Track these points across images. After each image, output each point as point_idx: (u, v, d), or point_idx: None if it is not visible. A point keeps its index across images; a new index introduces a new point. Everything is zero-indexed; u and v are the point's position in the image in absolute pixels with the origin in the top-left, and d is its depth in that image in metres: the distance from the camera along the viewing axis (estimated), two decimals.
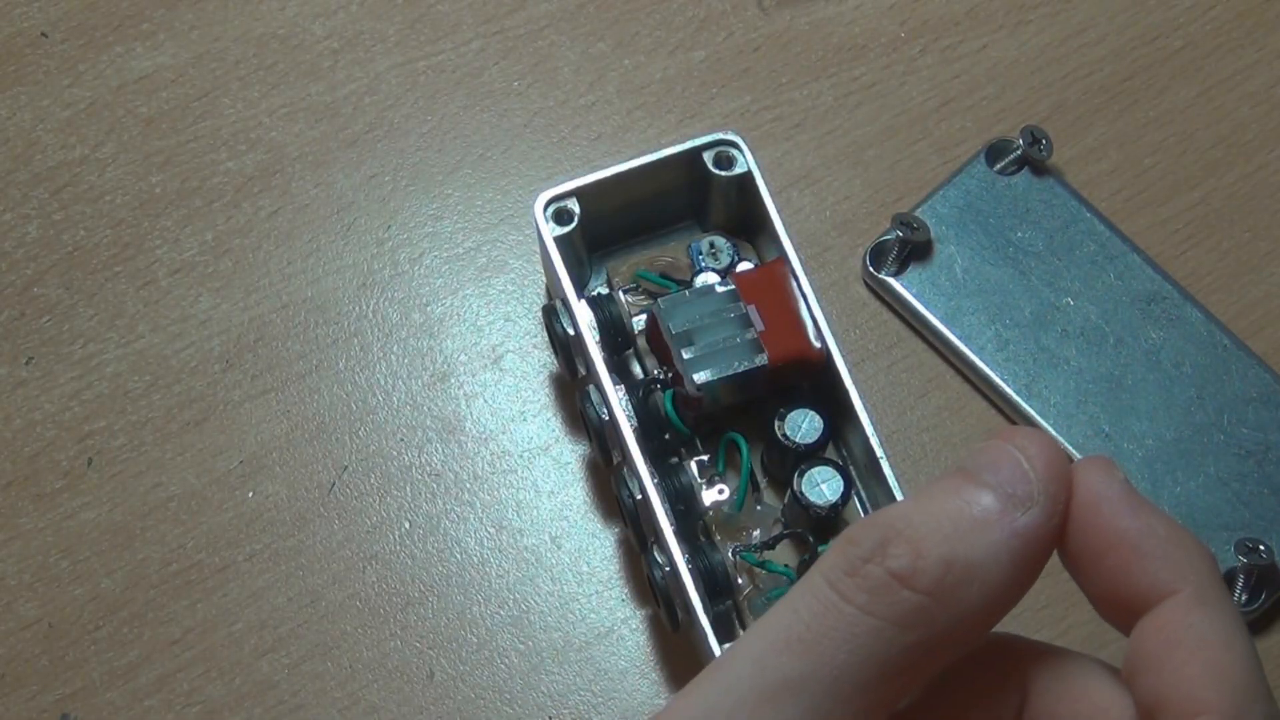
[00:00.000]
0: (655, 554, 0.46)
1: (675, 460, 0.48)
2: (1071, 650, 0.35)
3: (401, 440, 0.52)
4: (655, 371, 0.48)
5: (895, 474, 0.46)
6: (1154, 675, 0.32)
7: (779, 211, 0.49)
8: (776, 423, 0.47)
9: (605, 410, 0.47)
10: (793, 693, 0.32)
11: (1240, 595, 0.49)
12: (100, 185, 0.55)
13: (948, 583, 0.32)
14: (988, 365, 0.52)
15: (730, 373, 0.47)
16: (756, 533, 0.47)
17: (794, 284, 0.48)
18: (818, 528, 0.47)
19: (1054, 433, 0.51)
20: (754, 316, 0.47)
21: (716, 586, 0.46)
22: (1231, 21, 0.57)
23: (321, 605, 0.51)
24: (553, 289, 0.51)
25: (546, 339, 0.51)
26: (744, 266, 0.50)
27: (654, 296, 0.49)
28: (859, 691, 0.32)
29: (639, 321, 0.49)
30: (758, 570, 0.47)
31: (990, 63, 0.56)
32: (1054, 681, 0.35)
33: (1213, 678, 0.32)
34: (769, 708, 0.32)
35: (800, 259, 0.48)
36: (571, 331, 0.48)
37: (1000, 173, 0.54)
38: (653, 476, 0.46)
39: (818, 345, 0.47)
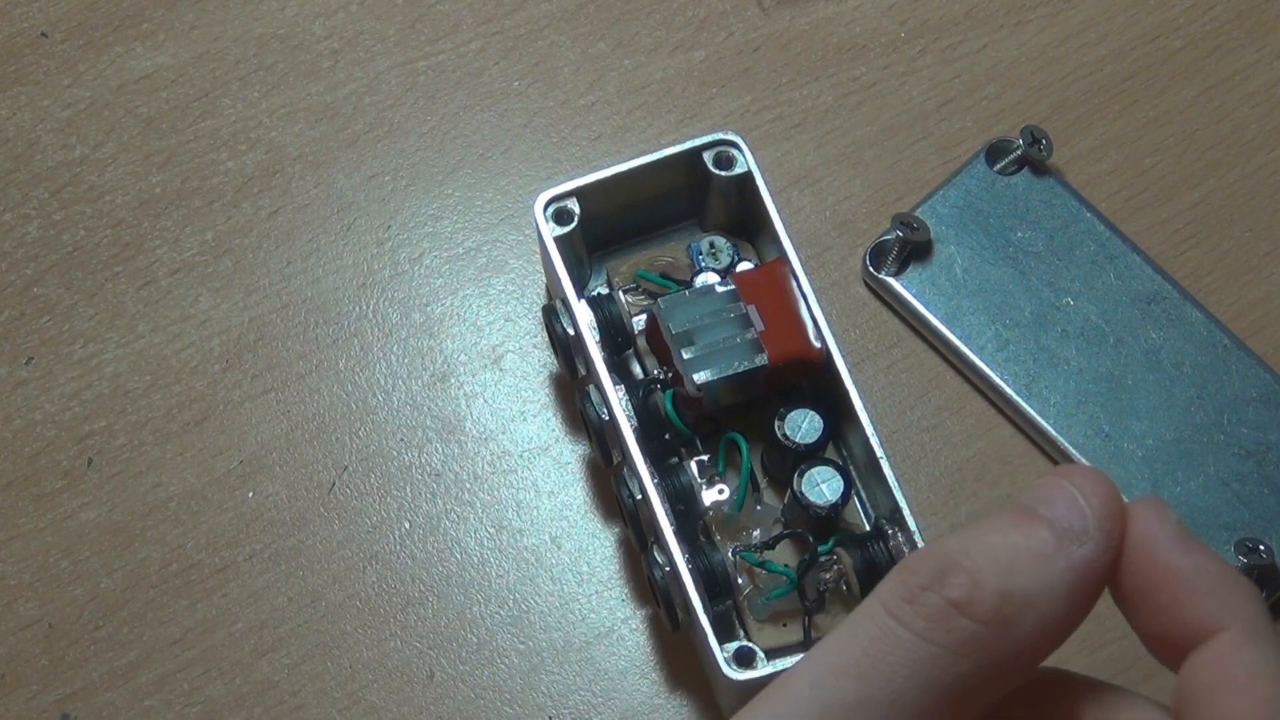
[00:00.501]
0: (655, 554, 0.46)
1: (675, 460, 0.48)
2: (1120, 686, 0.36)
3: (401, 440, 0.52)
4: (655, 371, 0.48)
5: (895, 474, 0.46)
6: (1205, 710, 0.33)
7: (779, 211, 0.49)
8: (776, 423, 0.47)
9: (605, 410, 0.47)
10: (849, 716, 0.33)
11: None
12: (100, 185, 0.55)
13: (1004, 613, 0.33)
14: (988, 365, 0.52)
15: (730, 373, 0.47)
16: (756, 533, 0.47)
17: (794, 284, 0.48)
18: (818, 528, 0.47)
19: (1054, 433, 0.51)
20: (754, 316, 0.47)
21: (716, 586, 0.46)
22: (1231, 21, 0.57)
23: (321, 605, 0.51)
24: (553, 289, 0.51)
25: (546, 339, 0.51)
26: (744, 266, 0.50)
27: (654, 296, 0.49)
28: (914, 718, 0.33)
29: (639, 321, 0.49)
30: (758, 570, 0.47)
31: (990, 63, 0.56)
32: (1101, 716, 0.35)
33: (1265, 713, 0.32)
34: None
35: (800, 259, 0.48)
36: (571, 331, 0.48)
37: (1000, 173, 0.54)
38: (653, 476, 0.46)
39: (818, 345, 0.47)
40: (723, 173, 0.49)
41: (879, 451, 0.46)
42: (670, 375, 0.47)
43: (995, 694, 0.34)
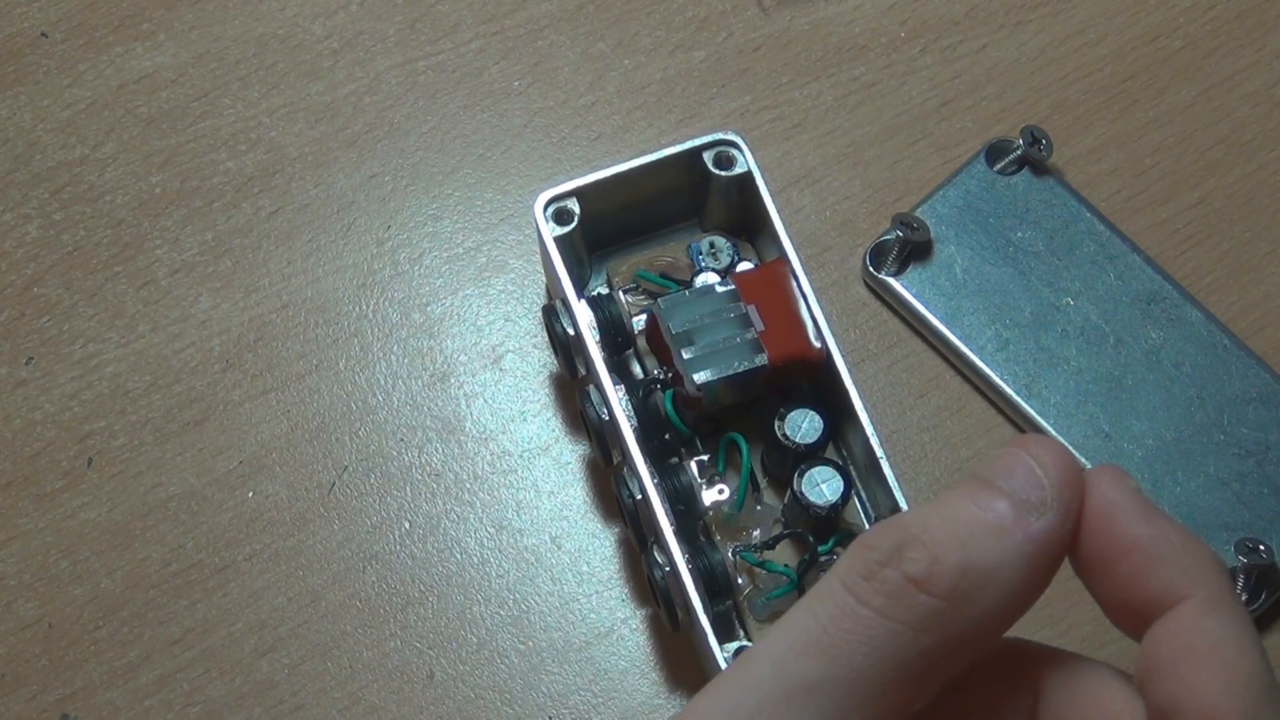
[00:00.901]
0: (655, 554, 0.46)
1: (675, 460, 0.48)
2: (1083, 655, 0.35)
3: (401, 440, 0.52)
4: (655, 371, 0.48)
5: (895, 474, 0.46)
6: (1168, 681, 0.33)
7: (779, 211, 0.49)
8: (776, 423, 0.47)
9: (605, 410, 0.47)
10: (811, 695, 0.33)
11: (1240, 595, 0.49)
12: (100, 185, 0.55)
13: (963, 587, 0.33)
14: (988, 365, 0.52)
15: (730, 373, 0.47)
16: (756, 533, 0.47)
17: (794, 284, 0.48)
18: (818, 528, 0.47)
19: (1054, 433, 0.51)
20: (754, 316, 0.47)
21: (716, 586, 0.46)
22: (1231, 21, 0.57)
23: (321, 605, 0.51)
24: (553, 289, 0.51)
25: (546, 339, 0.51)
26: (744, 266, 0.50)
27: (654, 296, 0.49)
28: (876, 694, 0.33)
29: (639, 321, 0.49)
30: (758, 570, 0.47)
31: (990, 63, 0.56)
32: (1066, 685, 0.35)
33: (1227, 682, 0.32)
34: (787, 709, 0.33)
35: (800, 259, 0.48)
36: (571, 331, 0.48)
37: (1000, 173, 0.54)
38: (653, 476, 0.46)
39: (818, 345, 0.47)
40: (723, 173, 0.49)
41: (879, 451, 0.46)
42: (670, 375, 0.47)
43: (957, 667, 0.34)
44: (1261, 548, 0.49)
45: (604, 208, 0.50)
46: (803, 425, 0.47)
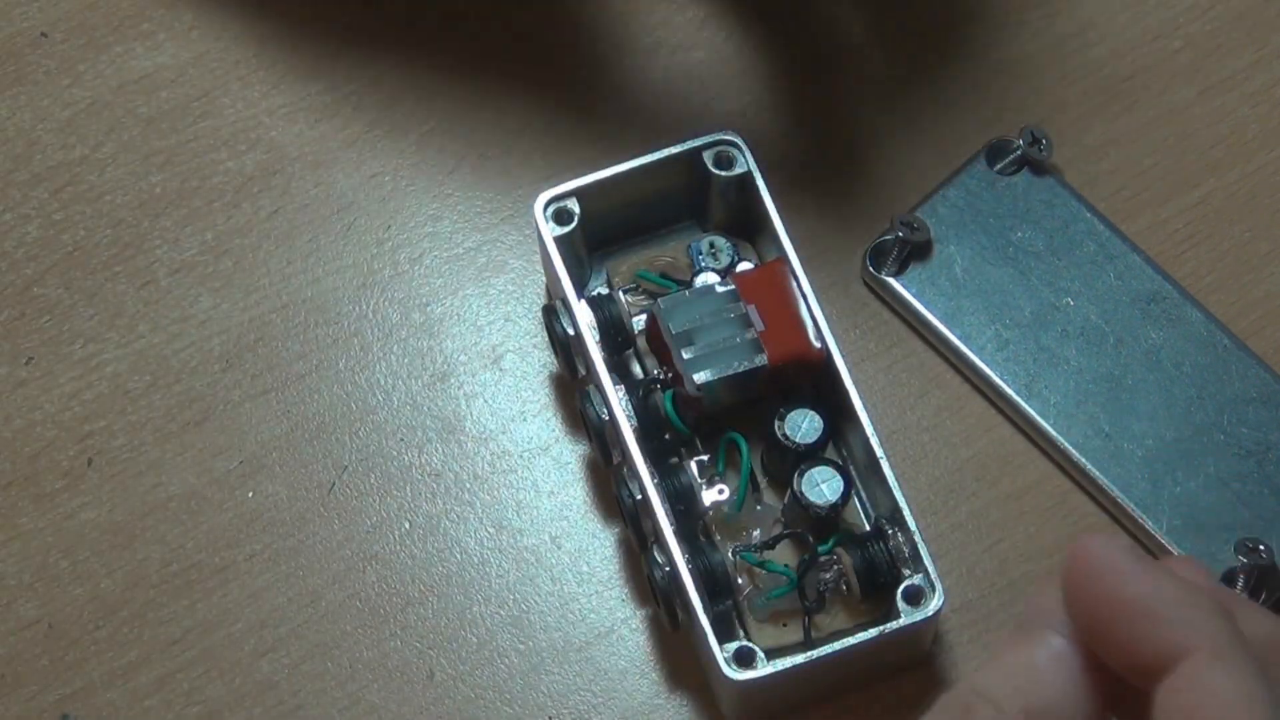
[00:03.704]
0: (655, 554, 0.46)
1: (675, 460, 0.48)
2: None
3: (401, 440, 0.52)
4: (655, 371, 0.48)
5: (895, 474, 0.46)
6: None
7: (779, 211, 0.49)
8: (776, 423, 0.47)
9: (605, 410, 0.47)
10: None
11: (1240, 595, 0.49)
12: (100, 185, 0.55)
13: None
14: (988, 365, 0.52)
15: (730, 373, 0.47)
16: (756, 533, 0.47)
17: (794, 284, 0.48)
18: (818, 528, 0.47)
19: (1054, 433, 0.51)
20: (754, 316, 0.47)
21: (716, 586, 0.46)
22: (1231, 21, 0.57)
23: (321, 605, 0.51)
24: (553, 289, 0.51)
25: (546, 339, 0.51)
26: (744, 266, 0.50)
27: (654, 296, 0.49)
28: None
29: (639, 321, 0.49)
30: (758, 570, 0.47)
31: (990, 63, 0.56)
32: None
33: None
34: None
35: (800, 259, 0.48)
36: (571, 331, 0.48)
37: (1000, 173, 0.54)
38: (653, 476, 0.46)
39: (818, 345, 0.47)
40: (723, 173, 0.49)
41: (879, 451, 0.46)
42: (670, 375, 0.47)
43: None
44: (1261, 548, 0.49)
45: (604, 208, 0.50)
46: (803, 425, 0.47)
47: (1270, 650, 0.34)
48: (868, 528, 0.48)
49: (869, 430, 0.47)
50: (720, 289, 0.48)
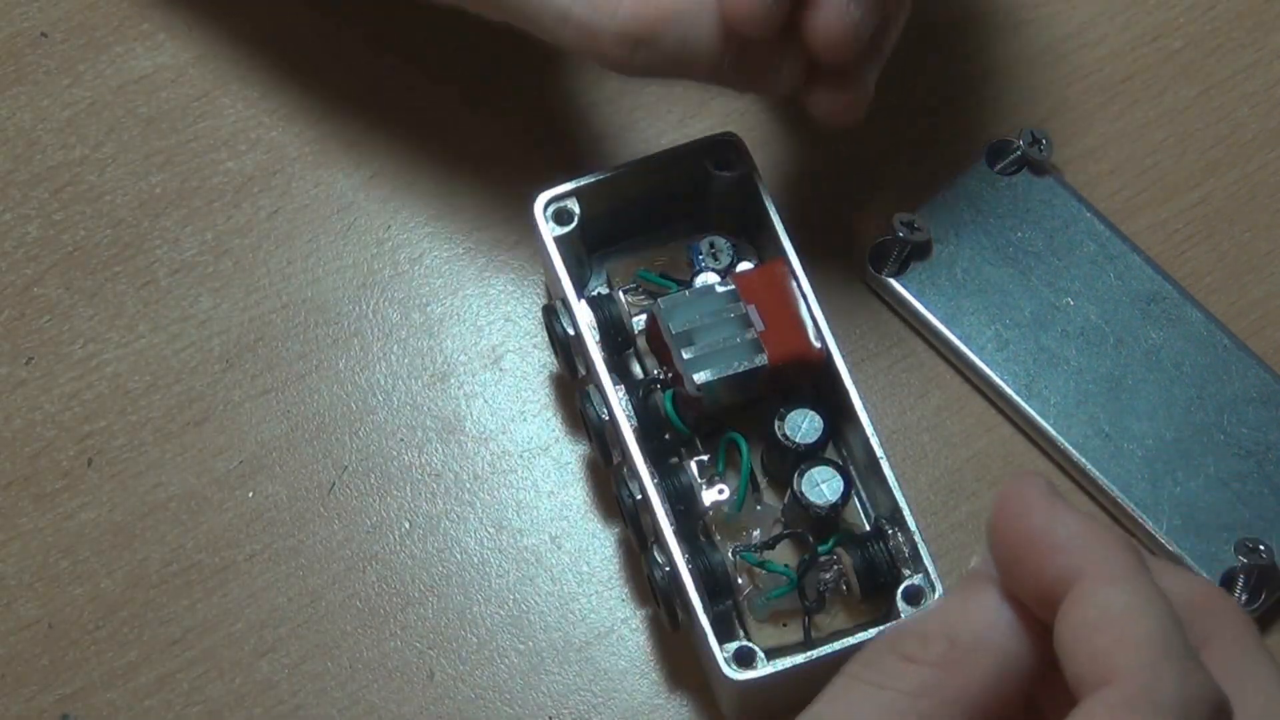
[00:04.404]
0: (655, 554, 0.46)
1: (675, 460, 0.48)
2: None
3: (401, 440, 0.52)
4: (655, 371, 0.48)
5: (895, 474, 0.46)
6: (1069, 660, 0.33)
7: (779, 211, 0.49)
8: (776, 423, 0.47)
9: (605, 410, 0.47)
10: None
11: (1240, 595, 0.49)
12: (100, 185, 0.55)
13: (953, 656, 0.35)
14: (988, 365, 0.52)
15: (730, 373, 0.47)
16: (756, 533, 0.47)
17: (794, 284, 0.48)
18: (818, 528, 0.47)
19: (1054, 433, 0.51)
20: (754, 316, 0.47)
21: (716, 586, 0.46)
22: (1231, 21, 0.57)
23: (321, 605, 0.51)
24: (553, 289, 0.51)
25: (546, 339, 0.51)
26: (744, 266, 0.50)
27: (654, 296, 0.49)
28: None
29: (639, 321, 0.49)
30: (758, 570, 0.47)
31: (990, 63, 0.56)
32: None
33: (1119, 646, 0.33)
34: None
35: (800, 259, 0.48)
36: (571, 331, 0.48)
37: (1000, 173, 0.54)
38: (653, 476, 0.46)
39: (818, 345, 0.47)
40: (723, 173, 0.49)
41: (879, 451, 0.46)
42: (670, 375, 0.47)
43: None
44: (1261, 548, 0.49)
45: (604, 208, 0.50)
46: (803, 425, 0.47)
47: (1187, 609, 0.35)
48: (868, 528, 0.48)
49: (869, 430, 0.47)
50: (720, 289, 0.48)
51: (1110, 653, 0.33)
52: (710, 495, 0.48)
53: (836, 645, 0.45)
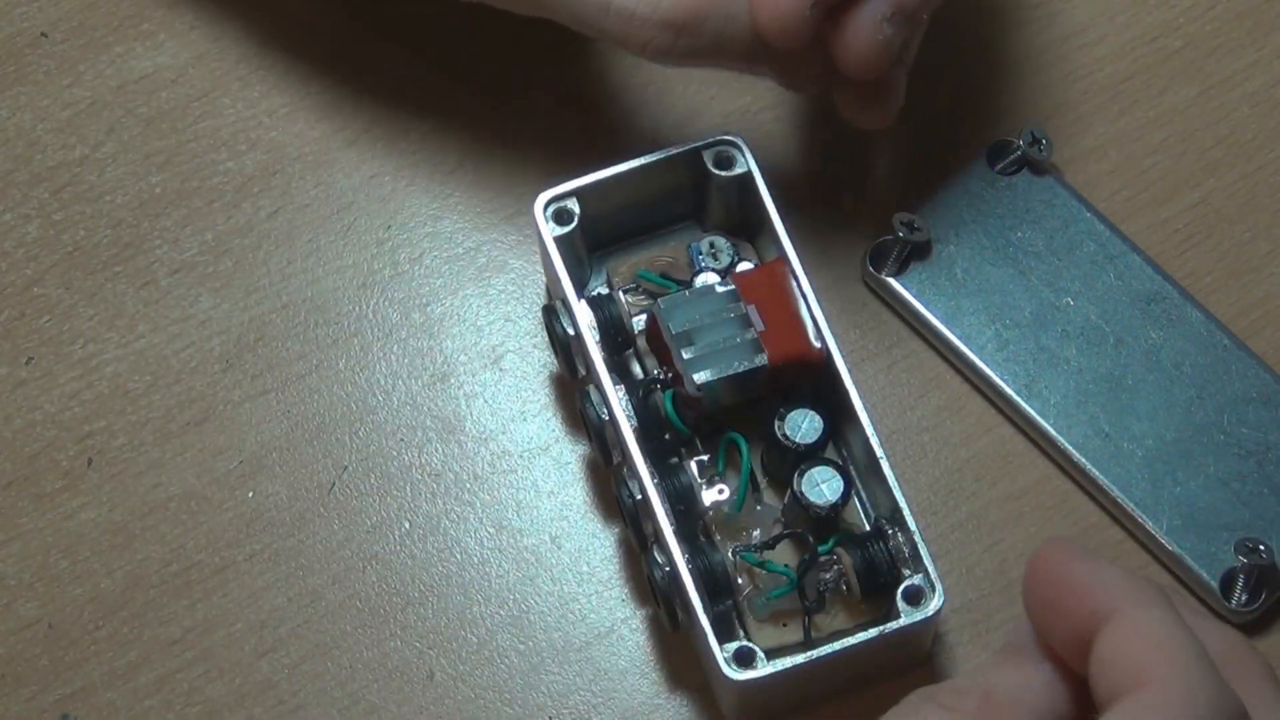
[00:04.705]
0: (655, 554, 0.46)
1: (675, 460, 0.48)
2: None
3: (401, 440, 0.52)
4: (655, 371, 0.48)
5: (895, 474, 0.46)
6: (1105, 674, 0.35)
7: (779, 211, 0.49)
8: (776, 423, 0.47)
9: (605, 410, 0.47)
10: None
11: (1240, 595, 0.49)
12: (100, 185, 0.55)
13: (987, 709, 0.37)
14: (988, 365, 0.52)
15: (730, 373, 0.47)
16: (756, 533, 0.47)
17: (794, 284, 0.48)
18: (818, 528, 0.47)
19: (1054, 433, 0.51)
20: (754, 316, 0.47)
21: (716, 586, 0.46)
22: (1231, 21, 0.57)
23: (321, 605, 0.51)
24: (553, 289, 0.51)
25: (546, 339, 0.51)
26: (744, 266, 0.50)
27: (654, 296, 0.49)
28: None
29: (639, 321, 0.49)
30: (758, 570, 0.47)
31: (990, 63, 0.56)
32: None
33: (1158, 656, 0.34)
34: None
35: (800, 259, 0.48)
36: (571, 331, 0.48)
37: (1000, 173, 0.54)
38: (653, 476, 0.46)
39: (818, 345, 0.47)
40: (723, 173, 0.49)
41: (879, 451, 0.46)
42: (670, 375, 0.47)
43: None
44: (1261, 548, 0.49)
45: (604, 208, 0.50)
46: (803, 425, 0.47)
47: (1216, 654, 0.36)
48: (868, 528, 0.48)
49: (869, 430, 0.47)
50: (720, 289, 0.48)
51: (1147, 664, 0.34)
52: (710, 495, 0.48)
53: (836, 645, 0.45)
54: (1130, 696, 0.33)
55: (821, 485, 0.47)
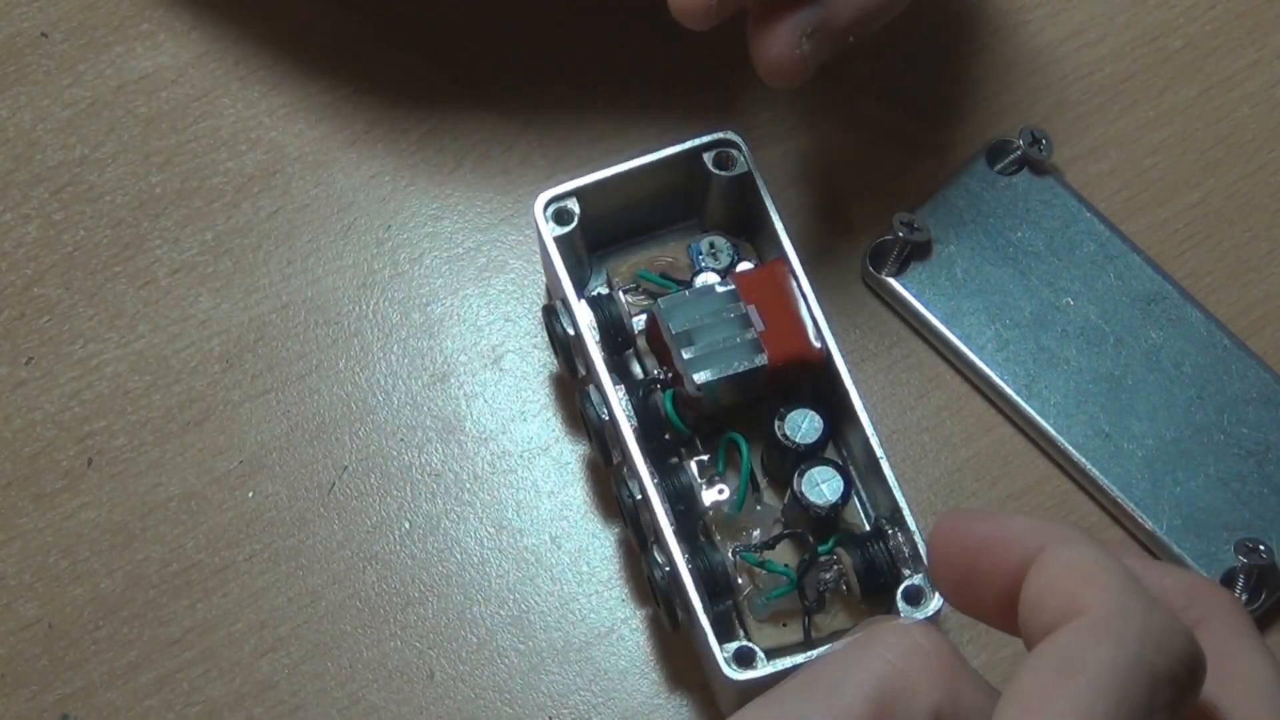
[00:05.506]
0: (655, 554, 0.46)
1: (675, 460, 0.48)
2: None
3: (401, 440, 0.52)
4: (655, 371, 0.48)
5: (895, 474, 0.46)
6: (1036, 614, 0.33)
7: (779, 211, 0.49)
8: (776, 423, 0.47)
9: (605, 410, 0.47)
10: None
11: (1240, 595, 0.49)
12: (100, 185, 0.55)
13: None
14: (988, 365, 0.52)
15: (730, 373, 0.47)
16: (756, 533, 0.47)
17: (794, 284, 0.48)
18: (818, 528, 0.47)
19: (1054, 433, 0.51)
20: (754, 316, 0.47)
21: (716, 586, 0.46)
22: (1231, 21, 0.57)
23: (321, 605, 0.51)
24: (553, 289, 0.51)
25: (546, 339, 0.51)
26: (744, 266, 0.50)
27: (654, 296, 0.49)
28: None
29: (639, 321, 0.49)
30: (758, 570, 0.47)
31: (990, 63, 0.56)
32: None
33: (1087, 586, 0.33)
34: None
35: (800, 259, 0.48)
36: (571, 331, 0.48)
37: (1000, 173, 0.54)
38: (653, 476, 0.46)
39: (818, 345, 0.47)
40: (723, 173, 0.49)
41: (879, 451, 0.46)
42: (670, 375, 0.47)
43: None
44: (1261, 548, 0.49)
45: (604, 208, 0.50)
46: (803, 425, 0.47)
47: (1182, 596, 0.36)
48: (868, 528, 0.48)
49: (869, 430, 0.46)
50: (720, 289, 0.48)
51: (1075, 594, 0.33)
52: (710, 495, 0.48)
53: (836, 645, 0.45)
54: (1062, 627, 0.32)
55: (821, 485, 0.47)
